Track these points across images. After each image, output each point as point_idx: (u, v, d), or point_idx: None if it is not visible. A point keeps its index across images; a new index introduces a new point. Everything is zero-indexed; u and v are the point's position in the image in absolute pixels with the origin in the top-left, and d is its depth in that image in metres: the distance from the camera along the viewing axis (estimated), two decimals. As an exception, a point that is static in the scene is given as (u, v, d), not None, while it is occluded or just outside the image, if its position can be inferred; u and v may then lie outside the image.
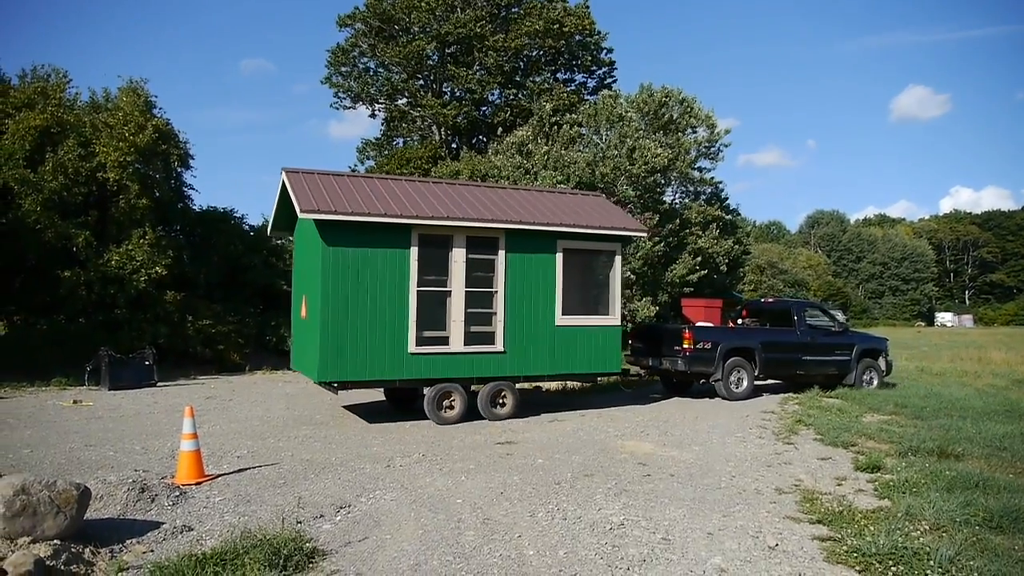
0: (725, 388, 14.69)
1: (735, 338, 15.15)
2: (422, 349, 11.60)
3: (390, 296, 11.42)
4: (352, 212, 11.08)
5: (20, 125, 20.10)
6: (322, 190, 11.64)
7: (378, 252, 11.35)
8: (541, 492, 7.41)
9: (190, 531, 6.13)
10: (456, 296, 11.89)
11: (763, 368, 15.13)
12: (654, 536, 6.12)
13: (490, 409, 12.14)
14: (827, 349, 16.06)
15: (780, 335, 15.74)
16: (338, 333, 11.06)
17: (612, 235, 13.22)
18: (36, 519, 5.46)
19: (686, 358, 14.36)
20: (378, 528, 6.23)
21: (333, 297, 11.06)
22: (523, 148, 26.94)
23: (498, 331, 12.22)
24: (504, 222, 12.13)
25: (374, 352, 11.28)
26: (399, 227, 11.43)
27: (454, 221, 11.70)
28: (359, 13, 34.26)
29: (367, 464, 8.67)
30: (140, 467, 8.31)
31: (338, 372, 11.09)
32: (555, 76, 36.39)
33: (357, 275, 11.21)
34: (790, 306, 16.67)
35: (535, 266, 12.55)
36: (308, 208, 10.87)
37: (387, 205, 11.59)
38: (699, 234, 27.61)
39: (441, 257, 11.88)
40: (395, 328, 11.42)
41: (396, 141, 37.41)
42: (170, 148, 22.47)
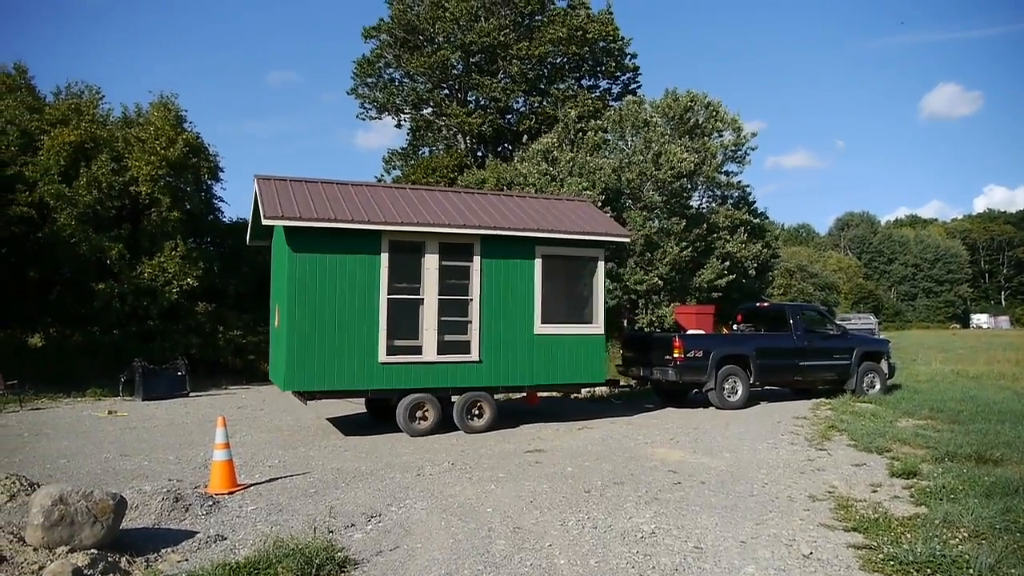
0: (718, 397, 14.21)
1: (728, 345, 14.71)
2: (393, 358, 11.31)
3: (359, 304, 11.15)
4: (318, 218, 10.85)
5: (55, 141, 20.55)
6: (291, 197, 11.45)
7: (347, 259, 11.10)
8: (571, 500, 7.38)
9: (223, 540, 6.19)
10: (429, 304, 11.58)
11: (758, 375, 14.63)
12: (686, 545, 6.06)
13: (465, 420, 11.76)
14: (826, 353, 15.58)
15: (775, 340, 15.27)
16: (305, 342, 10.82)
17: (593, 240, 12.77)
18: (74, 528, 5.55)
19: (676, 367, 13.91)
20: (409, 537, 6.25)
21: (300, 305, 10.84)
22: (548, 155, 26.95)
23: (473, 340, 11.88)
24: (479, 228, 11.85)
25: (343, 361, 11.01)
26: (368, 233, 11.19)
27: (425, 227, 11.43)
28: (384, 24, 34.57)
29: (397, 473, 8.70)
30: (174, 476, 8.42)
31: (305, 382, 10.86)
32: (579, 83, 36.39)
33: (325, 282, 10.98)
34: (785, 309, 16.16)
35: (512, 273, 12.20)
36: (272, 215, 10.71)
37: (356, 211, 11.34)
38: (727, 238, 27.40)
39: (413, 264, 11.58)
40: (365, 337, 11.14)
41: (422, 150, 37.64)
42: (200, 161, 22.83)
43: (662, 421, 12.88)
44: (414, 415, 11.49)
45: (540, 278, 12.34)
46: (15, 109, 21.87)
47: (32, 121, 21.60)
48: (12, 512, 6.25)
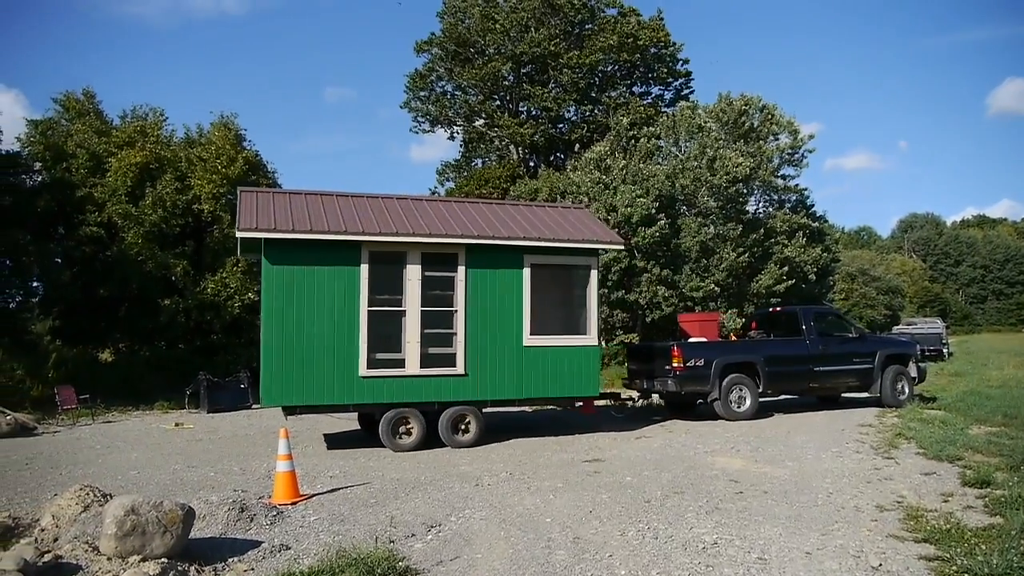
0: (724, 408, 13.56)
1: (732, 353, 14.09)
2: (374, 372, 11.03)
3: (339, 316, 10.93)
4: (292, 229, 10.66)
5: (122, 163, 21.32)
6: (270, 208, 11.29)
7: (325, 270, 10.90)
8: (631, 510, 7.31)
9: (287, 550, 6.30)
10: (411, 316, 11.28)
11: (768, 383, 13.92)
12: (749, 556, 5.94)
13: (451, 436, 11.39)
14: (844, 358, 14.72)
15: (787, 346, 14.57)
16: (283, 355, 10.63)
17: (583, 248, 12.34)
18: (145, 538, 5.72)
19: (676, 377, 13.32)
20: (469, 547, 6.27)
21: (277, 317, 10.66)
22: (601, 163, 26.88)
23: (459, 353, 11.52)
24: (463, 237, 11.51)
25: (322, 375, 10.78)
26: (348, 244, 10.97)
27: (405, 237, 11.14)
28: (435, 38, 35.02)
29: (455, 483, 8.74)
30: (239, 487, 8.61)
31: (283, 396, 10.69)
32: (631, 90, 36.24)
33: (303, 294, 10.79)
34: (798, 313, 15.20)
35: (499, 283, 11.83)
36: (246, 227, 10.58)
37: (334, 222, 11.13)
38: (785, 243, 26.91)
39: (395, 275, 11.31)
40: (344, 350, 10.89)
41: (475, 162, 37.95)
42: (259, 178, 23.42)
43: (723, 430, 12.66)
44: (397, 430, 11.20)
45: (529, 288, 11.95)
46: (84, 133, 22.78)
47: (100, 144, 22.46)
48: (87, 522, 6.47)
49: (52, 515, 6.78)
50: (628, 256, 24.32)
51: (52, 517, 6.75)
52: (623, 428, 12.97)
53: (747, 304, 25.79)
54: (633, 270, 24.63)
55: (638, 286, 24.55)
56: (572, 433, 12.63)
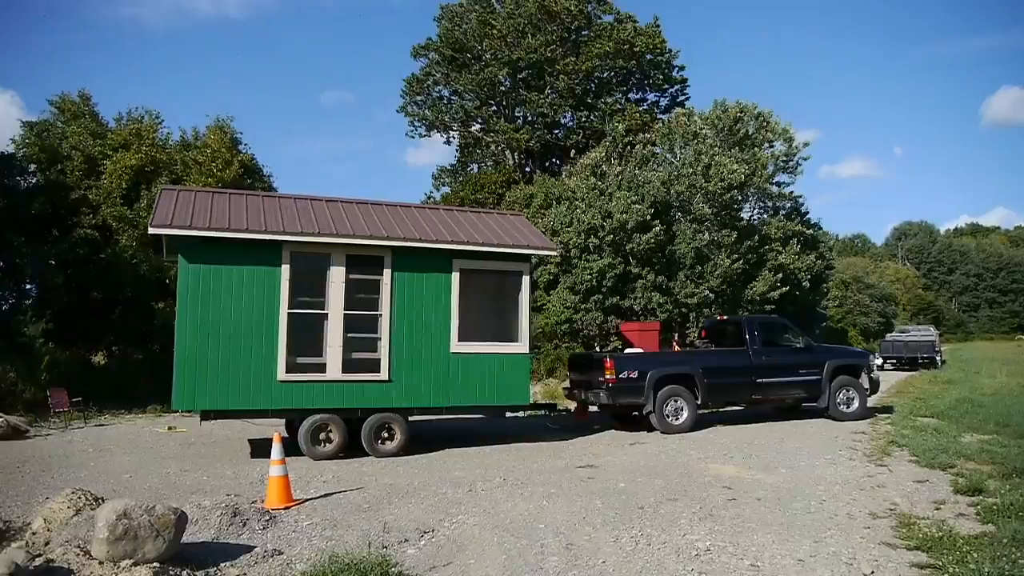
0: (659, 421, 13.07)
1: (668, 364, 13.69)
2: (293, 376, 10.71)
3: (257, 318, 10.60)
4: (209, 227, 10.31)
5: (117, 165, 21.27)
6: (190, 207, 10.98)
7: (244, 270, 10.59)
8: (624, 517, 7.31)
9: (280, 555, 6.28)
10: (333, 319, 10.99)
11: (708, 396, 13.51)
12: (742, 563, 5.95)
13: (374, 444, 11.07)
14: (789, 369, 14.27)
15: (727, 357, 14.20)
16: (197, 358, 10.32)
17: (515, 254, 12.00)
18: (137, 543, 5.70)
19: (609, 389, 12.94)
20: (462, 553, 6.26)
21: (192, 318, 10.35)
22: (597, 169, 26.98)
23: (383, 358, 11.20)
24: (390, 239, 11.22)
25: (238, 379, 10.45)
26: (269, 244, 10.66)
27: (327, 237, 10.86)
28: (433, 43, 35.10)
29: (449, 489, 8.73)
30: (232, 492, 8.58)
31: (196, 400, 10.38)
32: (627, 96, 36.37)
33: (220, 295, 10.48)
34: (741, 323, 14.90)
35: (427, 288, 11.55)
36: (160, 223, 10.27)
37: (254, 221, 10.83)
38: (779, 250, 27.01)
39: (318, 277, 11.00)
40: (262, 353, 10.57)
41: (471, 167, 38.00)
42: (255, 182, 23.39)
43: (716, 436, 12.68)
44: (317, 437, 10.88)
45: (458, 293, 11.66)
46: (79, 135, 22.72)
47: (95, 146, 22.40)
48: (78, 526, 6.44)
49: (44, 519, 6.75)
50: (623, 262, 24.37)
51: (44, 521, 6.72)
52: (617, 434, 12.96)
53: (741, 311, 25.83)
54: (628, 276, 24.67)
55: (633, 292, 24.59)
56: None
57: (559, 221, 25.64)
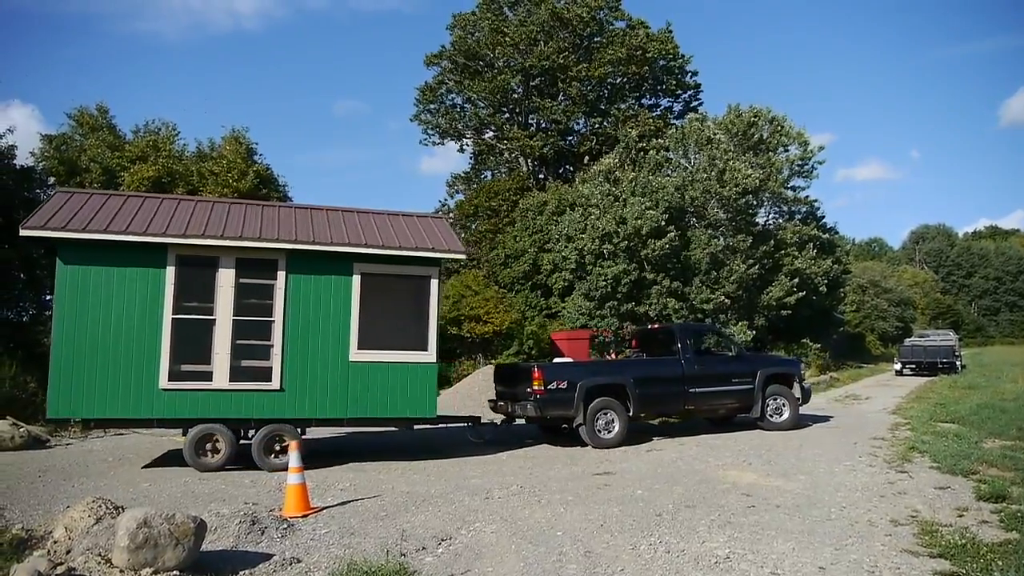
0: (589, 434, 12.43)
1: (599, 374, 13.01)
2: (176, 384, 10.30)
3: (138, 323, 10.21)
4: (86, 229, 10.01)
5: (135, 177, 21.49)
6: (76, 209, 10.60)
7: (125, 272, 10.25)
8: (642, 524, 7.28)
9: (298, 563, 6.29)
10: (222, 324, 10.54)
11: (639, 407, 12.87)
12: (762, 570, 5.91)
13: (264, 457, 10.58)
14: (722, 378, 13.74)
15: (659, 367, 13.65)
16: (73, 362, 9.98)
17: (420, 257, 11.38)
18: (157, 551, 5.73)
19: (537, 401, 12.25)
20: (480, 561, 6.25)
21: (68, 321, 10.02)
22: (610, 176, 26.96)
23: (275, 366, 10.73)
24: (283, 241, 10.77)
25: (116, 386, 10.08)
26: (152, 246, 10.29)
27: (213, 240, 10.43)
28: (445, 51, 35.24)
29: (466, 496, 8.73)
30: (250, 500, 8.61)
31: (72, 408, 10.07)
32: (640, 102, 36.36)
33: (98, 298, 10.14)
34: (674, 331, 14.33)
35: (324, 292, 11.04)
36: (35, 225, 9.98)
37: (137, 223, 10.46)
38: (795, 255, 26.89)
39: (207, 280, 10.58)
40: (143, 359, 10.18)
41: (484, 174, 38.09)
42: (270, 191, 23.57)
43: (734, 443, 12.60)
44: (203, 447, 10.49)
45: (358, 299, 11.12)
46: (98, 148, 22.99)
47: (113, 158, 22.66)
48: (99, 535, 6.48)
49: (65, 527, 6.80)
50: (637, 268, 24.32)
51: (65, 529, 6.77)
52: (634, 441, 12.90)
53: (757, 316, 25.72)
54: (643, 282, 24.62)
55: (648, 298, 24.53)
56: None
57: (573, 227, 25.63)
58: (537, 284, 27.29)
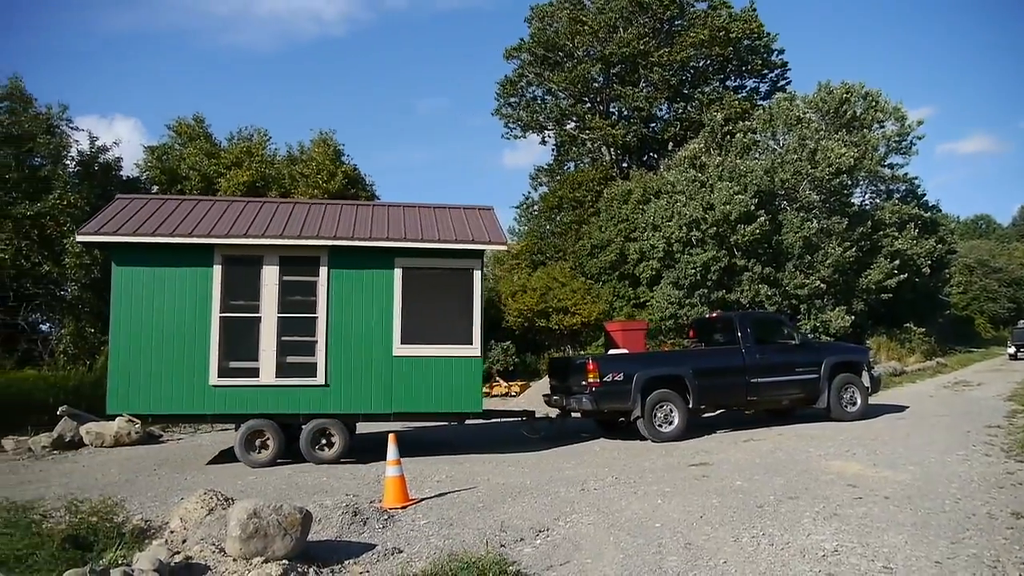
0: (648, 427, 12.10)
1: (656, 366, 12.73)
2: (226, 381, 10.58)
3: (189, 322, 10.56)
4: (135, 233, 10.45)
5: (231, 182, 22.34)
6: (128, 213, 11.10)
7: (175, 273, 10.62)
8: (743, 516, 7.11)
9: (400, 553, 6.42)
10: (267, 322, 10.77)
11: (699, 399, 12.49)
12: (873, 564, 5.67)
13: (311, 451, 10.80)
14: (785, 368, 13.19)
15: (719, 357, 13.27)
16: (129, 361, 10.41)
17: (462, 250, 11.27)
18: (267, 540, 5.94)
19: (592, 394, 12.02)
20: (578, 552, 6.23)
21: (124, 322, 10.45)
22: (696, 161, 26.44)
23: (320, 362, 10.86)
24: (322, 238, 10.92)
25: (171, 383, 10.44)
26: (199, 247, 10.63)
27: (256, 239, 10.71)
28: (524, 44, 35.21)
29: (561, 488, 8.72)
30: (350, 491, 8.83)
31: (129, 404, 10.49)
32: (724, 84, 35.49)
33: (152, 298, 10.52)
34: (733, 320, 13.79)
35: (367, 288, 11.07)
36: (88, 230, 10.54)
37: (185, 225, 10.83)
38: (895, 235, 25.77)
39: (252, 279, 10.83)
40: (194, 357, 10.50)
41: (567, 166, 37.92)
42: (358, 191, 24.11)
43: (835, 432, 12.16)
44: (252, 444, 10.71)
45: (400, 293, 11.09)
46: (196, 156, 24.02)
47: (211, 165, 23.63)
48: (211, 525, 6.77)
49: (180, 518, 7.14)
50: (727, 255, 23.78)
51: (180, 520, 7.11)
52: (729, 430, 12.61)
53: (856, 301, 24.78)
54: (733, 269, 24.06)
55: (739, 285, 23.96)
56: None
57: (659, 215, 25.25)
58: (624, 274, 27.02)
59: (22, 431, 13.99)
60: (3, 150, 18.70)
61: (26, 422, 14.40)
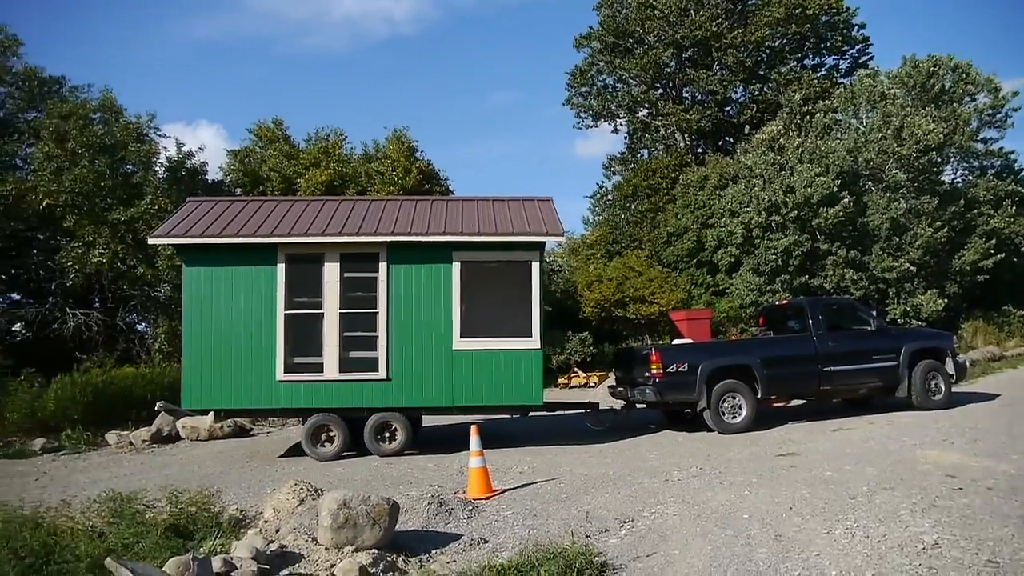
0: (714, 419, 11.78)
1: (721, 355, 12.42)
2: (292, 376, 10.91)
3: (256, 319, 10.92)
4: (203, 235, 10.93)
5: (310, 182, 22.91)
6: (197, 216, 11.60)
7: (241, 272, 11.01)
8: (835, 507, 6.89)
9: (485, 543, 6.49)
10: (330, 318, 11.05)
11: (768, 389, 12.12)
12: (978, 558, 5.43)
13: (376, 444, 11.06)
14: (861, 356, 12.61)
15: (788, 345, 12.76)
16: (201, 358, 10.84)
17: (520, 242, 11.28)
18: (356, 530, 6.09)
19: (656, 385, 11.75)
20: (665, 543, 6.17)
21: (196, 321, 10.90)
22: (775, 144, 25.68)
23: (381, 356, 11.06)
24: (381, 234, 11.09)
25: (240, 379, 10.83)
26: (263, 247, 11.00)
27: (317, 237, 10.99)
28: (594, 32, 34.84)
29: (644, 478, 8.64)
30: (434, 482, 8.97)
31: (203, 400, 10.90)
32: (802, 63, 34.35)
33: (220, 298, 10.93)
34: (804, 306, 13.27)
35: (426, 282, 11.22)
36: (159, 233, 11.23)
37: (250, 225, 11.21)
38: (990, 213, 24.53)
39: (314, 276, 11.10)
40: (261, 354, 10.86)
41: (641, 153, 37.41)
42: (433, 185, 24.38)
43: (931, 420, 11.66)
44: (318, 437, 11.00)
45: (459, 288, 11.20)
46: (276, 158, 24.72)
47: (290, 167, 24.28)
48: (302, 515, 6.99)
49: (273, 508, 7.39)
50: (809, 239, 23.08)
51: (273, 510, 7.36)
52: (813, 419, 12.26)
53: (949, 283, 23.72)
54: (816, 253, 23.34)
55: (822, 270, 23.23)
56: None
57: (737, 201, 24.67)
58: (702, 261, 26.54)
59: (123, 426, 14.73)
60: (99, 159, 19.66)
61: (127, 417, 15.16)
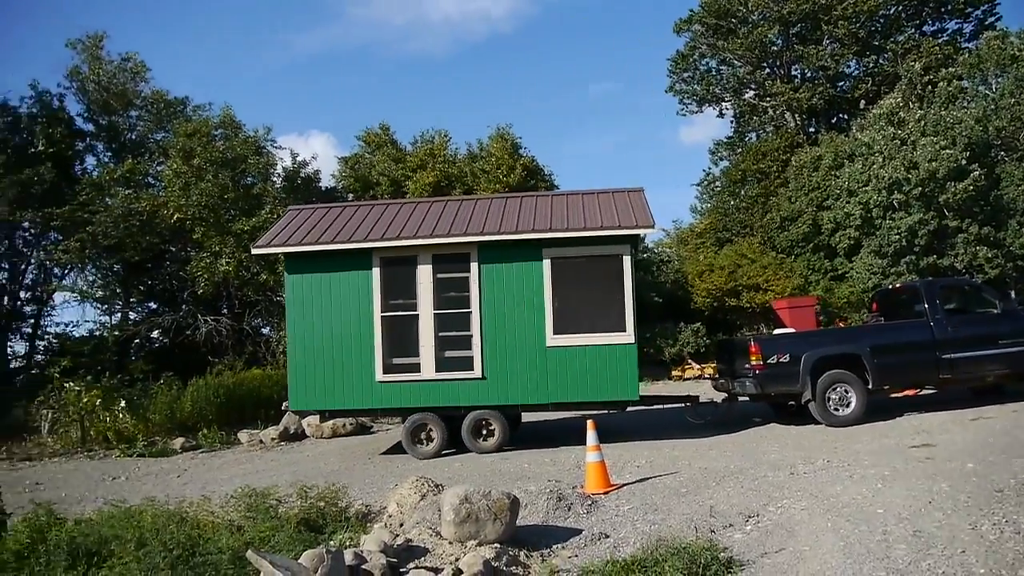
0: (821, 411, 11.21)
1: (826, 345, 11.73)
2: (390, 377, 11.15)
3: (354, 322, 11.20)
4: (301, 243, 11.31)
5: (417, 184, 23.40)
6: (296, 224, 12.04)
7: (339, 277, 11.33)
8: (980, 502, 6.46)
9: (607, 538, 6.45)
10: (424, 319, 11.24)
11: (879, 378, 11.35)
12: None
13: (474, 441, 11.21)
14: (985, 341, 11.54)
15: (902, 332, 11.86)
16: (306, 362, 11.23)
17: (611, 236, 11.10)
18: (478, 525, 6.18)
19: (756, 377, 11.36)
20: (793, 539, 5.95)
21: (299, 325, 11.30)
22: (894, 117, 24.33)
23: (476, 355, 11.17)
24: (469, 234, 11.19)
25: (341, 381, 11.16)
26: (359, 251, 11.26)
27: (409, 240, 11.22)
28: (695, 15, 34.01)
29: (768, 471, 8.38)
30: (552, 477, 8.98)
31: (308, 401, 11.37)
32: (921, 30, 32.43)
33: (321, 302, 11.28)
34: (919, 289, 12.25)
35: (516, 280, 11.25)
36: (261, 243, 11.68)
37: (345, 231, 11.54)
38: None
39: (408, 278, 11.32)
40: (361, 355, 11.15)
41: (748, 136, 36.28)
42: (537, 182, 24.42)
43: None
44: (418, 436, 11.24)
45: (550, 284, 11.16)
46: (384, 162, 25.37)
47: (398, 170, 24.87)
48: (424, 510, 7.15)
49: (396, 503, 7.59)
50: (936, 216, 21.77)
51: (396, 505, 7.56)
52: (945, 409, 11.55)
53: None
54: (945, 231, 21.99)
55: (951, 249, 21.86)
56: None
57: (854, 180, 23.54)
58: (819, 246, 25.48)
59: (253, 425, 15.54)
60: (222, 173, 20.76)
61: (256, 416, 15.98)
